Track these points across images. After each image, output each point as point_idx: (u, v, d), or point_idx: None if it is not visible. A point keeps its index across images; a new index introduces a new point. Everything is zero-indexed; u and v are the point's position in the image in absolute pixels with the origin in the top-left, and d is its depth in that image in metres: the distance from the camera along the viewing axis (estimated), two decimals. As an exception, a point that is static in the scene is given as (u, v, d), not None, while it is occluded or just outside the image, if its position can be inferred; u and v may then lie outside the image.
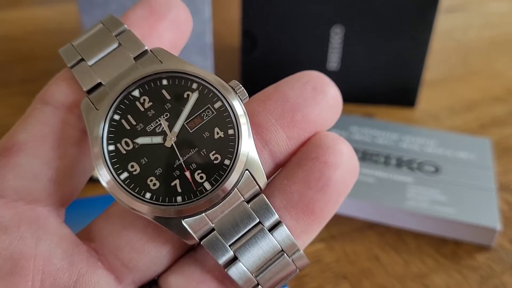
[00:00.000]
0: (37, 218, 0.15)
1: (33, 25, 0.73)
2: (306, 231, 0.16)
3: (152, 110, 0.14)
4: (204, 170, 0.14)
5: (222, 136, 0.14)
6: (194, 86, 0.14)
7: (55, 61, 0.63)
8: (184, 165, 0.14)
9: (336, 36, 0.50)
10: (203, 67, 0.50)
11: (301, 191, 0.16)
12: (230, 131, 0.14)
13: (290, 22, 0.49)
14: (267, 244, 0.15)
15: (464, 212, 0.36)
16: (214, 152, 0.14)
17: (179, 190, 0.14)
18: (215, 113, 0.14)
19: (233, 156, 0.14)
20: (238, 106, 0.14)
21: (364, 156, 0.42)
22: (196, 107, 0.14)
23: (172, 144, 0.14)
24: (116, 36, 0.15)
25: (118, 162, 0.14)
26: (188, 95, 0.14)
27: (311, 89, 0.16)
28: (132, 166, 0.14)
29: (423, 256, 0.35)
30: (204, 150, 0.14)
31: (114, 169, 0.14)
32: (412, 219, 0.37)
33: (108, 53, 0.15)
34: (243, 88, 0.15)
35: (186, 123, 0.14)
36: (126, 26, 0.16)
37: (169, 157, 0.14)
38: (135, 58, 0.15)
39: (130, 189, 0.14)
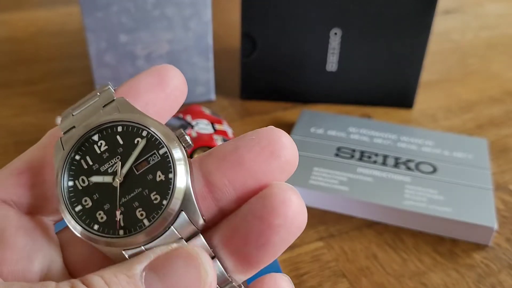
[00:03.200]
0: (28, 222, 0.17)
1: (36, 27, 0.73)
2: (243, 273, 0.17)
3: (107, 153, 0.16)
4: (145, 208, 0.15)
5: (163, 179, 0.16)
6: (144, 133, 0.16)
7: (58, 62, 0.63)
8: (127, 203, 0.16)
9: (335, 38, 0.50)
10: (204, 68, 0.51)
11: (240, 245, 0.16)
12: (170, 175, 0.16)
13: (290, 25, 0.49)
14: None
15: (461, 211, 0.37)
16: (155, 193, 0.16)
17: (122, 224, 0.15)
18: (159, 158, 0.16)
19: (169, 197, 0.15)
20: (178, 153, 0.16)
21: (363, 156, 0.43)
22: (144, 152, 0.16)
23: (119, 184, 0.16)
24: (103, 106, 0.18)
25: (74, 196, 0.16)
26: (138, 141, 0.16)
27: (268, 154, 0.17)
28: (85, 201, 0.16)
29: (421, 255, 0.35)
30: (147, 190, 0.16)
31: (70, 202, 0.16)
32: (410, 218, 0.37)
33: (89, 105, 0.18)
34: (187, 137, 0.17)
35: (134, 166, 0.16)
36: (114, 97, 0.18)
37: (116, 195, 0.16)
38: (104, 106, 0.17)
39: (81, 220, 0.16)
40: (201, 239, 0.16)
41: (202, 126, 0.45)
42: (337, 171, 0.40)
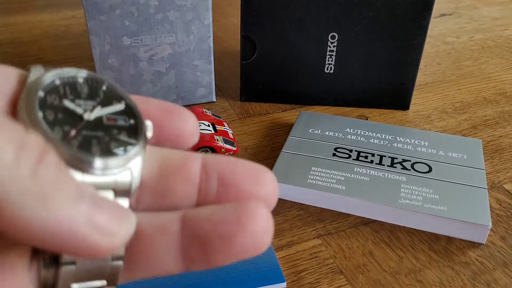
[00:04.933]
0: None
1: (40, 29, 0.73)
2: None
3: (85, 95, 0.17)
4: (100, 145, 0.16)
5: (125, 140, 0.17)
6: (123, 102, 0.18)
7: (62, 65, 0.63)
8: (87, 135, 0.16)
9: (333, 41, 0.51)
10: (205, 70, 0.52)
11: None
12: (132, 141, 0.17)
13: (288, 28, 0.50)
14: None
15: (457, 210, 0.37)
16: (114, 143, 0.17)
17: (75, 143, 0.16)
18: (128, 124, 0.17)
19: (125, 151, 0.16)
20: (148, 123, 0.17)
21: (359, 156, 0.43)
22: (117, 113, 0.17)
23: (87, 120, 0.17)
24: None
25: (40, 104, 0.16)
26: (116, 102, 0.17)
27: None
28: (50, 114, 0.16)
29: (417, 252, 0.36)
30: (106, 138, 0.16)
31: (37, 107, 0.16)
32: (406, 217, 0.38)
33: None
34: (151, 129, 0.18)
35: (105, 116, 0.17)
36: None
37: (81, 126, 0.16)
38: None
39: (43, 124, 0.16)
40: (126, 202, 0.17)
41: (204, 127, 0.45)
42: (334, 170, 0.41)
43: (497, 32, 0.75)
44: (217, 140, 0.44)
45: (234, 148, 0.45)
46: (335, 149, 0.44)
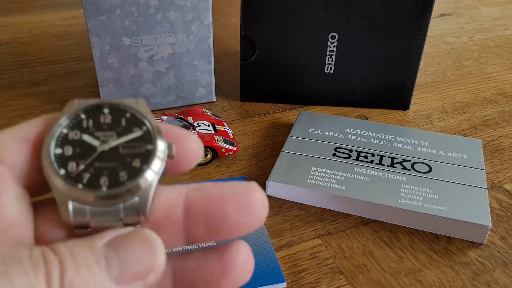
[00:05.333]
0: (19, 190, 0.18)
1: (41, 30, 0.73)
2: None
3: (107, 126, 0.18)
4: (110, 178, 0.17)
5: (137, 166, 0.17)
6: (143, 128, 0.18)
7: (62, 64, 0.64)
8: (99, 167, 0.17)
9: (333, 41, 0.51)
10: (205, 70, 0.52)
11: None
12: (144, 166, 0.18)
13: (288, 28, 0.50)
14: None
15: (457, 210, 0.37)
16: (125, 172, 0.17)
17: (85, 181, 0.17)
18: (144, 150, 0.18)
19: (133, 180, 0.17)
20: (160, 156, 0.18)
21: (359, 156, 0.43)
22: (135, 140, 0.18)
23: (102, 151, 0.18)
24: None
25: (61, 141, 0.18)
26: (136, 130, 0.18)
27: (245, 209, 0.18)
28: (68, 149, 0.18)
29: (417, 252, 0.36)
30: (120, 167, 0.17)
31: (55, 144, 0.18)
32: (406, 217, 0.38)
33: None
34: (173, 149, 0.18)
35: (121, 145, 0.18)
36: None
37: (95, 158, 0.18)
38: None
39: (54, 161, 0.17)
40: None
41: (204, 127, 0.45)
42: (334, 170, 0.41)
43: (497, 32, 0.75)
44: (217, 140, 0.44)
45: (234, 148, 0.45)
46: (335, 149, 0.44)
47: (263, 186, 0.41)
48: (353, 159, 0.42)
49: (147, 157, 0.18)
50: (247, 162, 0.45)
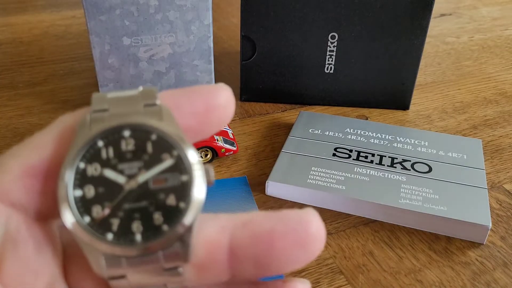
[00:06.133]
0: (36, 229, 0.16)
1: (40, 29, 0.73)
2: None
3: (131, 154, 0.15)
4: (144, 223, 0.15)
5: (173, 204, 0.15)
6: (175, 153, 0.15)
7: (62, 64, 0.63)
8: (128, 211, 0.15)
9: (333, 41, 0.51)
10: (205, 70, 0.52)
11: None
12: (182, 204, 0.15)
13: (288, 28, 0.50)
14: None
15: (457, 210, 0.37)
16: (160, 213, 0.15)
17: (114, 229, 0.15)
18: (178, 183, 0.15)
19: (173, 225, 0.15)
20: (200, 187, 0.15)
21: (359, 156, 0.43)
22: (166, 171, 0.15)
23: (130, 189, 0.15)
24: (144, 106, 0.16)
25: (80, 179, 0.15)
26: (166, 157, 0.15)
27: (300, 247, 0.16)
28: (89, 189, 0.15)
29: (417, 252, 0.36)
30: (152, 208, 0.15)
31: (73, 184, 0.15)
32: (406, 217, 0.38)
33: (126, 96, 0.16)
34: (212, 174, 0.16)
35: (151, 179, 0.15)
36: (158, 100, 0.16)
37: (122, 198, 0.15)
38: (145, 105, 0.16)
39: (76, 206, 0.15)
40: (179, 275, 0.15)
41: (203, 127, 0.45)
42: (334, 170, 0.41)
43: (497, 32, 0.75)
44: (217, 140, 0.44)
45: (234, 148, 0.45)
46: (335, 149, 0.44)
47: (263, 186, 0.41)
48: (353, 159, 0.42)
49: (183, 191, 0.15)
50: (247, 162, 0.45)
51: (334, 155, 0.43)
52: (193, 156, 0.15)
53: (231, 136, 0.46)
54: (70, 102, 0.54)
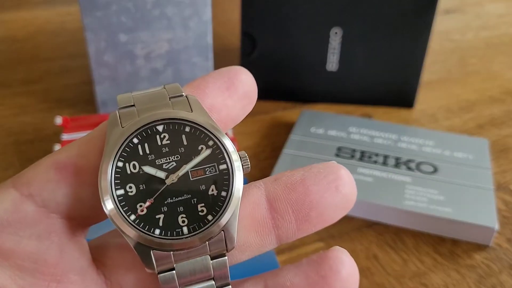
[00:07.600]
0: (66, 231, 0.16)
1: (35, 26, 0.73)
2: None
3: (167, 148, 0.16)
4: (188, 216, 0.15)
5: (215, 194, 0.15)
6: (210, 143, 0.16)
7: (57, 62, 0.63)
8: (172, 205, 0.15)
9: (335, 38, 0.50)
10: (204, 68, 0.51)
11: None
12: (223, 193, 0.15)
13: (290, 24, 0.49)
14: None
15: (462, 211, 0.37)
16: (203, 204, 0.15)
17: (161, 224, 0.15)
18: (217, 172, 0.16)
19: (216, 215, 0.15)
20: (239, 174, 0.16)
21: (363, 156, 0.43)
22: (204, 161, 0.16)
23: (171, 183, 0.15)
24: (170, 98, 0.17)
25: (120, 179, 0.15)
26: (202, 148, 0.16)
27: (334, 189, 0.17)
28: (130, 187, 0.15)
29: (421, 255, 0.35)
30: (195, 199, 0.15)
31: (115, 183, 0.15)
32: (411, 219, 0.37)
33: (150, 92, 0.17)
34: (248, 161, 0.16)
35: (190, 171, 0.15)
36: (183, 93, 0.17)
37: (164, 193, 0.15)
38: (170, 98, 0.16)
39: (120, 206, 0.15)
40: (224, 261, 0.16)
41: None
42: (337, 171, 0.40)
43: (503, 29, 0.75)
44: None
45: (234, 148, 0.44)
46: (338, 149, 0.43)
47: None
48: (357, 159, 0.42)
49: (223, 181, 0.15)
50: (247, 162, 0.44)
51: (337, 155, 0.43)
52: (229, 145, 0.16)
53: (231, 135, 0.45)
54: (65, 100, 0.54)
